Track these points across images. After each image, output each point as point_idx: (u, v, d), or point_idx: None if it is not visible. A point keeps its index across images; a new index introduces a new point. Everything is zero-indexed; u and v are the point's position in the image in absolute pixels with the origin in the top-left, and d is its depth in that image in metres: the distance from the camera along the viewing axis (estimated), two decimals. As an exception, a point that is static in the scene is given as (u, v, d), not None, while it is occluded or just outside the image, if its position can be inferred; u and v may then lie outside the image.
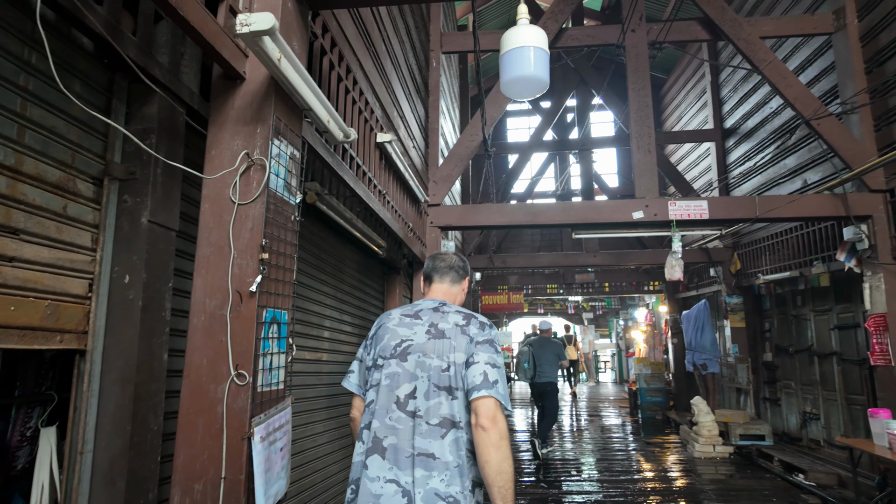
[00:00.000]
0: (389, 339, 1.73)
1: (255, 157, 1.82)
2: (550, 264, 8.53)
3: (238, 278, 1.77)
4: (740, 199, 5.24)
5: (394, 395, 1.62)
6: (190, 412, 1.69)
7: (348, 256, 4.12)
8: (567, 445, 8.14)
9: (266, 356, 1.77)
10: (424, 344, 1.66)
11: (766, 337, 7.59)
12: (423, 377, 1.62)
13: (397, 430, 1.58)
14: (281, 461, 1.78)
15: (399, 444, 1.56)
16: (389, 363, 1.67)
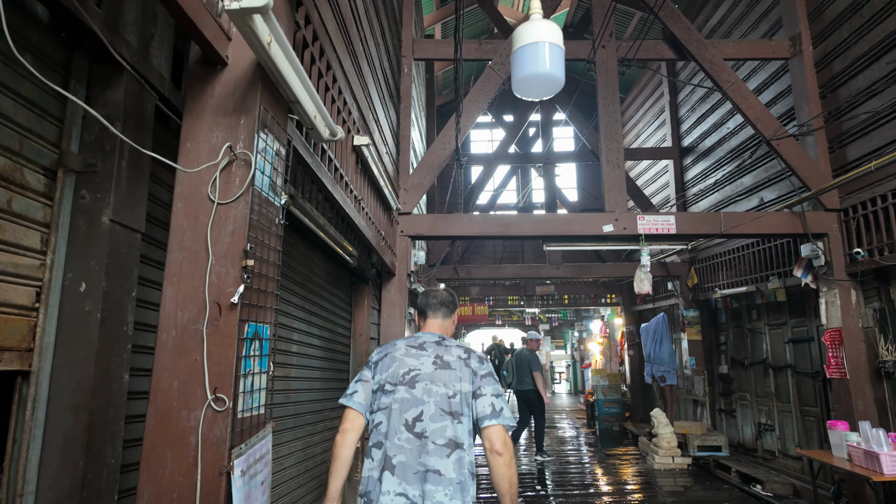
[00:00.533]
0: (398, 367, 1.88)
1: (239, 151, 1.61)
2: (514, 276, 8.49)
3: (216, 288, 1.55)
4: (706, 216, 5.34)
5: (402, 419, 1.79)
6: (157, 443, 1.45)
7: (317, 265, 3.89)
8: (524, 459, 8.06)
9: (247, 377, 1.55)
10: (432, 373, 1.86)
11: (722, 350, 7.79)
12: (429, 402, 1.82)
13: (405, 450, 1.76)
14: (262, 497, 1.56)
15: (407, 462, 1.75)
16: (398, 389, 1.83)
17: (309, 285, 3.68)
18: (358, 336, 4.75)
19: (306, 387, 3.61)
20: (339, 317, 4.42)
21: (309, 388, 3.66)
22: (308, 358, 3.67)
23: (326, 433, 3.99)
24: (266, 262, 1.72)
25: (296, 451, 3.40)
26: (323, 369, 3.95)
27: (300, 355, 3.52)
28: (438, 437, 1.77)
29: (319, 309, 3.92)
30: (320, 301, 3.95)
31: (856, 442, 4.24)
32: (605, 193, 5.33)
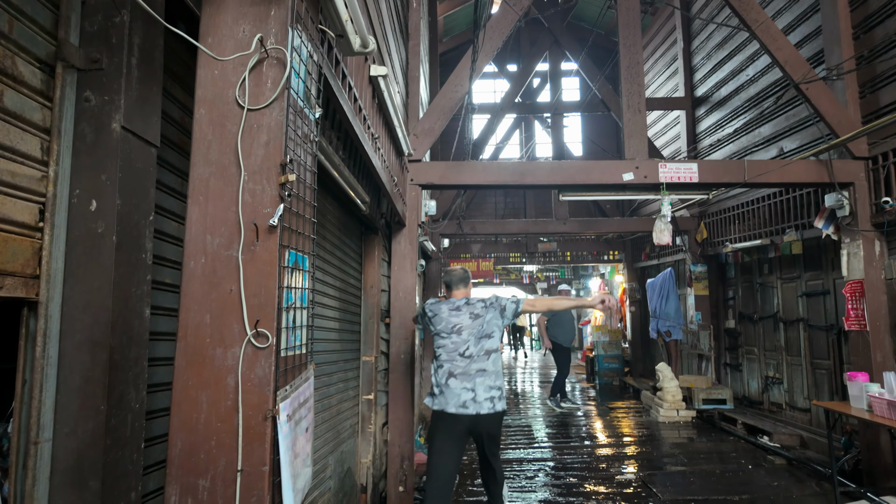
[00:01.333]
0: (446, 323, 3.29)
1: (271, 46, 1.35)
2: (520, 231, 8.30)
3: (251, 208, 1.33)
4: (729, 163, 5.13)
5: (455, 353, 3.18)
6: (189, 386, 1.26)
7: (329, 211, 3.65)
8: (530, 412, 8.08)
9: (289, 311, 1.35)
10: (471, 324, 3.26)
11: (730, 305, 7.73)
12: (471, 339, 3.21)
13: (461, 366, 3.13)
14: (306, 445, 1.39)
15: (464, 371, 3.11)
16: (451, 336, 3.24)
17: (322, 231, 3.46)
18: (369, 288, 4.56)
19: (321, 336, 3.43)
20: (350, 267, 4.21)
21: (324, 338, 3.48)
22: (322, 307, 3.48)
23: (341, 384, 3.85)
24: (302, 183, 1.49)
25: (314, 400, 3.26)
26: (336, 319, 3.77)
27: (317, 304, 3.33)
28: (480, 352, 3.18)
29: (332, 258, 3.71)
30: (333, 250, 3.73)
31: (878, 392, 4.18)
32: (625, 140, 5.08)
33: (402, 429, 4.63)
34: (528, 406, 8.66)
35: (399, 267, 4.86)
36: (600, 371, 10.87)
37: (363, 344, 4.45)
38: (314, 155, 1.57)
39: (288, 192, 1.33)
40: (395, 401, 4.67)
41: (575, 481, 5.00)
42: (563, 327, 7.99)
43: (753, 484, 4.92)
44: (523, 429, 7.04)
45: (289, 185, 1.34)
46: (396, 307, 4.80)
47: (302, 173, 1.48)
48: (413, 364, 4.74)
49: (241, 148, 1.34)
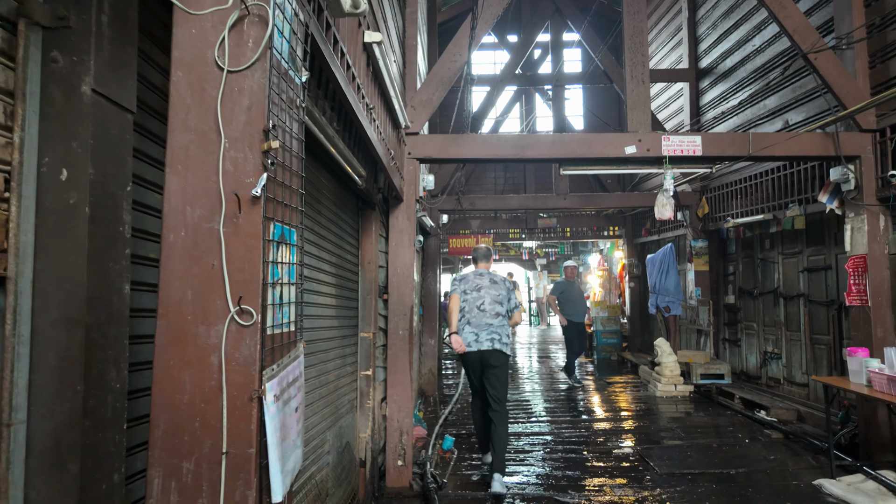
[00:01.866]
0: (471, 284, 4.59)
1: (252, 2, 1.25)
2: (519, 207, 8.21)
3: (232, 177, 1.25)
4: (733, 136, 5.01)
5: (474, 306, 4.45)
6: (171, 365, 1.20)
7: (324, 185, 3.56)
8: (527, 386, 8.11)
9: (275, 287, 1.28)
10: (489, 286, 4.53)
11: (730, 280, 7.69)
12: (487, 297, 4.45)
13: (476, 316, 4.41)
14: (296, 425, 1.34)
15: (476, 321, 4.39)
16: (472, 293, 4.51)
17: (316, 206, 3.37)
18: (366, 264, 4.50)
19: (317, 313, 3.38)
20: (347, 243, 4.14)
21: (320, 314, 3.43)
22: (318, 283, 3.42)
23: (339, 360, 3.81)
24: (288, 151, 1.40)
25: (310, 377, 3.22)
26: (333, 296, 3.72)
27: (309, 279, 3.26)
28: (491, 311, 4.42)
29: (328, 233, 3.64)
30: (329, 225, 3.65)
31: (878, 368, 4.16)
32: (627, 112, 4.95)
33: (401, 404, 4.62)
34: (526, 381, 8.69)
35: (397, 242, 4.78)
36: (599, 346, 10.89)
37: (361, 320, 4.41)
38: (301, 122, 1.48)
39: (272, 161, 1.25)
40: (393, 376, 4.66)
41: (573, 455, 5.02)
42: (573, 303, 7.95)
43: (750, 457, 4.94)
44: (521, 404, 7.07)
45: (272, 153, 1.25)
46: (394, 283, 4.74)
47: (287, 141, 1.39)
48: (411, 340, 4.71)
49: (221, 113, 1.25)
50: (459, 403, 7.19)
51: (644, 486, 4.27)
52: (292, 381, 1.32)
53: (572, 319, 7.87)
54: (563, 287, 8.04)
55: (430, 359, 7.87)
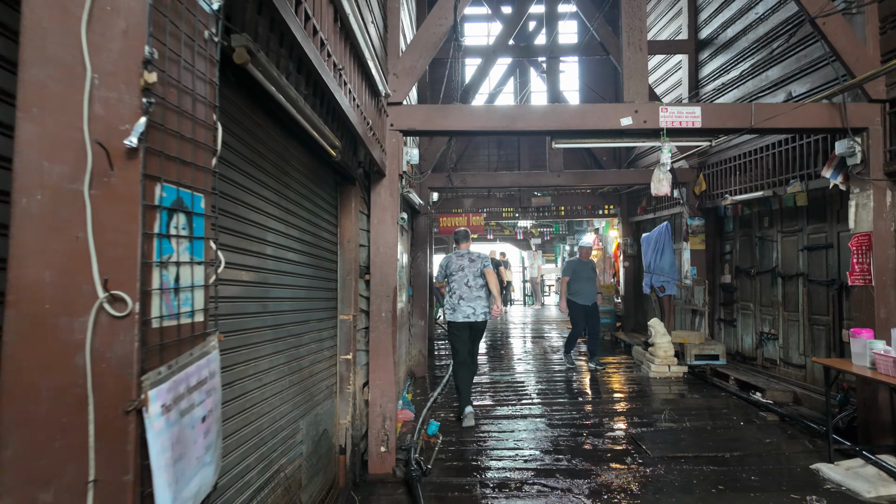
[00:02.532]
0: (455, 265, 5.29)
1: None
2: (512, 184, 7.89)
3: (103, 123, 0.94)
4: (734, 107, 4.68)
5: (462, 283, 5.22)
6: (24, 368, 0.91)
7: (294, 156, 3.24)
8: (520, 367, 7.90)
9: (166, 266, 0.99)
10: (469, 265, 5.27)
11: (726, 259, 7.42)
12: (470, 275, 5.23)
13: (466, 292, 5.20)
14: (203, 438, 1.06)
15: (467, 296, 5.19)
16: (457, 273, 5.26)
17: (285, 179, 3.07)
18: (345, 243, 4.20)
19: (289, 295, 3.10)
20: (323, 220, 3.84)
21: (292, 296, 3.16)
22: (289, 263, 3.14)
23: (314, 345, 3.55)
24: (192, 95, 1.09)
25: (279, 364, 2.95)
26: (307, 277, 3.44)
27: (278, 259, 2.98)
28: (476, 286, 5.19)
29: (299, 209, 3.34)
30: (301, 200, 3.35)
31: (883, 350, 3.92)
32: (624, 82, 4.61)
33: (384, 388, 4.38)
34: (519, 362, 8.48)
35: (379, 220, 4.48)
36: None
37: (340, 302, 4.13)
38: (212, 60, 1.17)
39: (153, 101, 0.94)
40: (375, 360, 4.40)
41: (564, 438, 4.80)
42: (582, 285, 7.57)
43: (744, 440, 4.74)
44: (512, 386, 6.86)
45: (157, 93, 0.95)
46: (377, 263, 4.46)
47: (190, 82, 1.09)
48: (395, 322, 4.45)
49: (87, 39, 0.94)
50: (452, 383, 6.99)
51: (636, 470, 4.06)
52: (196, 385, 1.04)
53: (577, 301, 7.51)
54: (575, 267, 7.63)
55: (420, 340, 7.63)
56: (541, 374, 7.48)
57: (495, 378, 7.26)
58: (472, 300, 5.21)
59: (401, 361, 6.41)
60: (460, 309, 5.22)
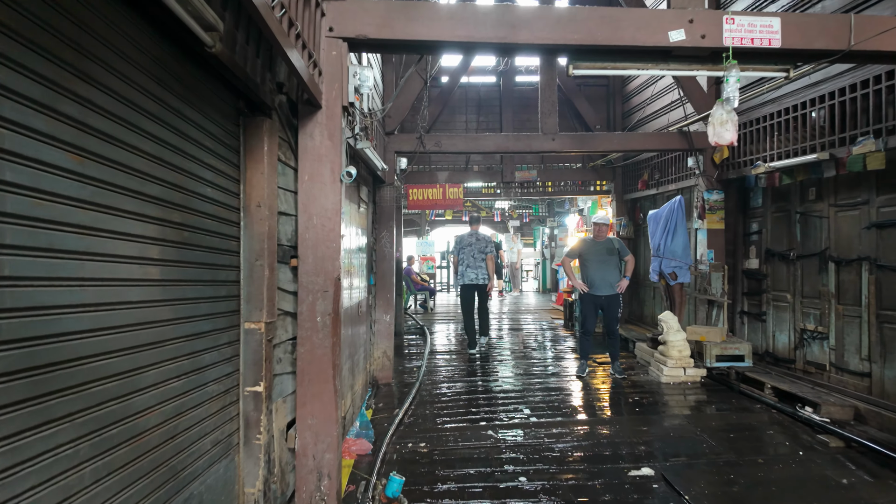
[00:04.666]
0: (465, 242, 7.23)
1: None
2: (497, 149, 6.36)
3: None
4: (825, 19, 3.23)
5: (469, 256, 7.16)
6: None
7: (132, 40, 1.64)
8: (503, 371, 6.46)
9: None
10: (475, 243, 7.18)
11: (752, 240, 6.09)
12: (476, 251, 7.16)
13: (472, 263, 7.15)
14: None
15: (471, 265, 7.15)
16: (466, 248, 7.20)
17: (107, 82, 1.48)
18: (254, 209, 2.60)
19: (120, 298, 1.54)
20: (207, 168, 2.24)
21: (130, 300, 1.58)
22: (125, 241, 1.57)
23: (182, 380, 1.98)
24: None
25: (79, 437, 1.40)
26: (164, 263, 1.86)
27: (96, 233, 1.41)
28: (478, 259, 7.12)
29: (153, 145, 1.75)
30: (156, 131, 1.76)
31: None
32: (672, -22, 3.10)
33: (320, 430, 2.84)
34: (498, 364, 7.03)
35: (312, 175, 2.89)
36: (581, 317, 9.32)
37: (245, 302, 2.56)
38: None
39: None
40: (307, 388, 2.85)
41: (567, 483, 3.35)
42: (597, 269, 5.95)
43: (816, 481, 3.40)
44: (494, 398, 5.39)
45: None
46: (308, 241, 2.88)
47: None
48: (337, 329, 2.90)
49: None
50: (424, 392, 5.48)
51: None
52: None
53: (595, 292, 5.95)
54: (588, 248, 6.05)
55: (385, 339, 6.09)
56: (526, 379, 6.03)
57: (471, 387, 5.79)
58: (475, 268, 7.08)
59: (357, 370, 4.87)
60: (466, 274, 7.10)
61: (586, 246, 6.11)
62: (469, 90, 9.16)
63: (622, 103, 8.91)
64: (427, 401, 5.23)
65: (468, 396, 5.35)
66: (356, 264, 4.73)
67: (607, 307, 6.06)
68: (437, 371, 6.37)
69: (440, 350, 7.59)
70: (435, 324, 9.99)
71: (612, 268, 6.04)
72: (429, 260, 13.91)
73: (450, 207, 6.45)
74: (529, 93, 8.98)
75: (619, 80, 8.93)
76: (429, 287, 11.37)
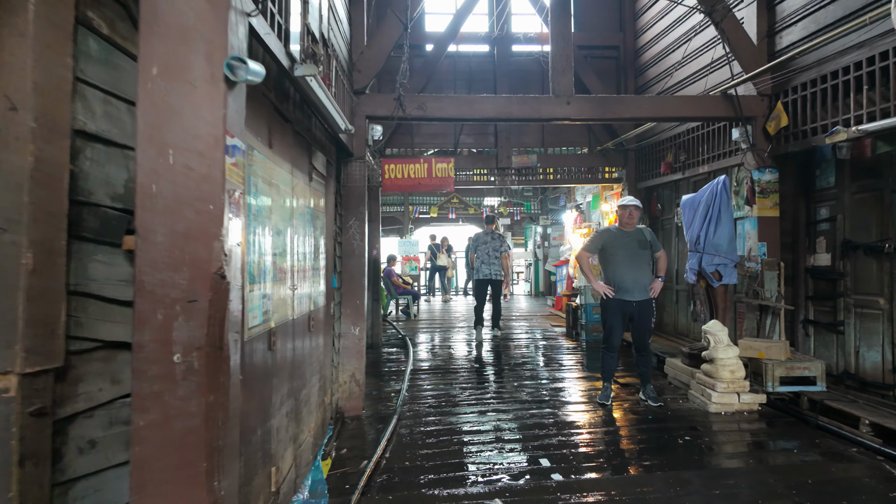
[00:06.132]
0: (481, 240, 7.34)
1: None
2: (497, 114, 4.90)
3: None
4: None
5: (484, 253, 7.30)
6: None
7: None
8: (507, 397, 5.00)
9: None
10: (490, 241, 7.31)
11: (821, 229, 4.75)
12: (491, 249, 7.30)
13: (486, 259, 7.29)
14: None
15: (486, 261, 7.29)
16: (482, 246, 7.31)
17: None
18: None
19: None
20: None
21: None
22: None
23: None
24: None
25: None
26: None
27: None
28: (494, 255, 7.27)
29: None
30: None
31: None
32: None
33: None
34: (489, 394, 5.58)
35: (166, 65, 1.39)
36: (588, 325, 7.95)
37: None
38: None
39: None
40: (154, 498, 1.36)
41: None
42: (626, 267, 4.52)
43: None
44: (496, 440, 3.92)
45: None
46: (158, 200, 1.36)
47: None
48: (223, 375, 1.42)
49: None
50: (404, 430, 4.00)
51: None
52: None
53: (623, 296, 4.49)
54: (613, 239, 4.59)
55: (354, 357, 4.61)
56: (539, 412, 4.57)
57: (466, 420, 4.32)
58: (489, 265, 7.28)
59: (306, 411, 3.37)
60: (481, 270, 7.31)
61: (611, 237, 4.70)
62: (458, 60, 7.72)
63: (635, 77, 7.56)
64: (408, 443, 3.75)
65: (463, 437, 3.88)
66: (304, 260, 3.24)
67: (638, 316, 4.65)
68: (422, 397, 4.90)
69: (425, 367, 6.11)
70: (419, 333, 8.50)
71: (644, 266, 4.63)
72: (412, 260, 12.42)
73: (438, 188, 4.93)
74: (528, 64, 7.59)
75: (631, 51, 7.59)
76: (412, 291, 9.89)
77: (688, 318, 6.66)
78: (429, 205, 14.59)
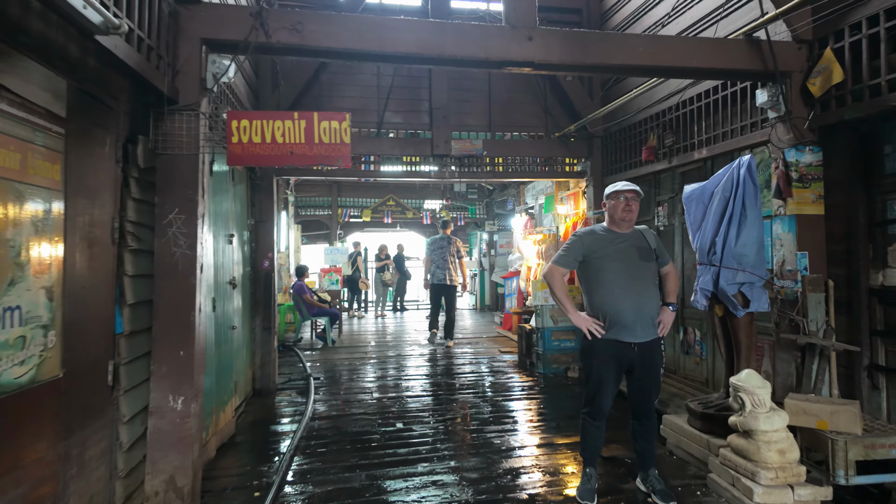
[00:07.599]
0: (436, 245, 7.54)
1: None
2: (423, 50, 3.01)
3: None
4: None
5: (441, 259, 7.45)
6: None
7: None
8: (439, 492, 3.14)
9: None
10: (445, 247, 7.50)
11: (893, 232, 3.21)
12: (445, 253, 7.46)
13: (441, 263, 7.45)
14: None
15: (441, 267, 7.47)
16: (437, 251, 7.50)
17: None
18: None
19: None
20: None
21: None
22: None
23: None
24: None
25: None
26: None
27: None
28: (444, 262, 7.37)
29: None
30: None
31: None
32: None
33: None
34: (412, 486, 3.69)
35: None
36: (546, 353, 6.27)
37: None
38: None
39: None
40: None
41: None
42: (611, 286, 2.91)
43: None
44: None
45: None
46: None
47: None
48: None
49: None
50: None
51: None
52: None
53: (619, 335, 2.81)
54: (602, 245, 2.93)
55: (175, 451, 2.60)
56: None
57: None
58: (443, 269, 7.43)
59: None
60: (436, 274, 7.45)
61: (597, 242, 2.96)
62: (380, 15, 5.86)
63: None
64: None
65: None
66: None
67: (641, 366, 2.93)
68: (300, 498, 2.92)
69: (324, 430, 4.12)
70: (335, 367, 6.47)
71: (650, 286, 2.94)
72: (331, 272, 10.30)
73: (325, 161, 2.97)
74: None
75: (596, 15, 5.99)
76: (330, 310, 7.83)
77: (676, 350, 5.06)
78: (361, 207, 12.57)
